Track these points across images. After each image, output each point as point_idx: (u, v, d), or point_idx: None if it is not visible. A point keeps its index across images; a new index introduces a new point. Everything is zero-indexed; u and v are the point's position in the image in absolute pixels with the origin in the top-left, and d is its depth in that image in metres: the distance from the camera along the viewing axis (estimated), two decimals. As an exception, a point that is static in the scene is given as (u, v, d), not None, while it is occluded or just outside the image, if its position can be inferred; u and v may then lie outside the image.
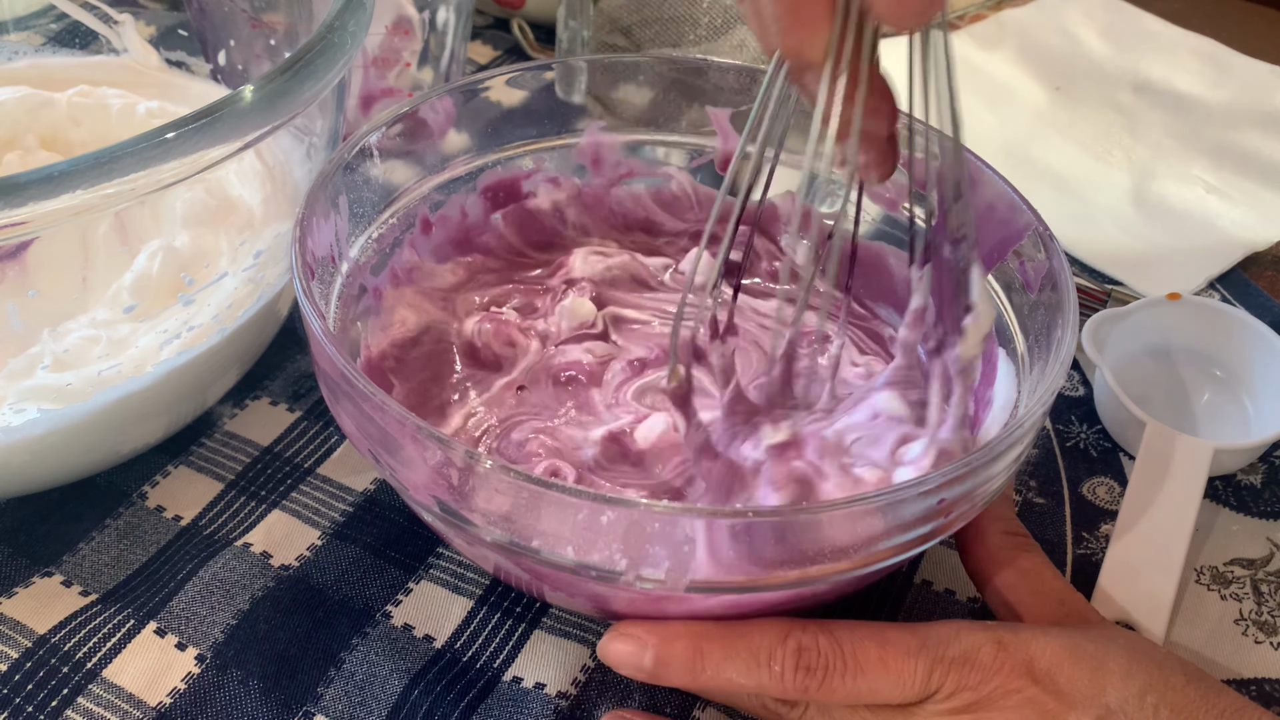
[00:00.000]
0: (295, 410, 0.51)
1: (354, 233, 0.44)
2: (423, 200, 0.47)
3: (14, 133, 0.52)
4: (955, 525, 0.35)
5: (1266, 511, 0.49)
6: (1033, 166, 0.69)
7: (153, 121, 0.53)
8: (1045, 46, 0.79)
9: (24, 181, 0.33)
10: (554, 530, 0.33)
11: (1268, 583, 0.46)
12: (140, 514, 0.46)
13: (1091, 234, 0.64)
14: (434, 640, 0.42)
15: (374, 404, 0.34)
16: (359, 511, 0.47)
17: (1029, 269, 0.42)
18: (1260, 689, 0.42)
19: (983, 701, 0.34)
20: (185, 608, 0.43)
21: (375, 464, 0.36)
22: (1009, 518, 0.41)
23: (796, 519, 0.32)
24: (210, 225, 0.47)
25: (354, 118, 0.61)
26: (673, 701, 0.41)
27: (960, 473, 0.33)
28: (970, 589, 0.44)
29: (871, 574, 0.35)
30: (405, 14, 0.59)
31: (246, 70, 0.58)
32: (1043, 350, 0.40)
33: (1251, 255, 0.62)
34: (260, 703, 0.40)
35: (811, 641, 0.34)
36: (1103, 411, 0.52)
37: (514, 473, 0.32)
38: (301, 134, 0.49)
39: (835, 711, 0.36)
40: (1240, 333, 0.52)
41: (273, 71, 0.39)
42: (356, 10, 0.43)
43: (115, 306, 0.43)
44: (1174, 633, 0.44)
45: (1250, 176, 0.68)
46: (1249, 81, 0.75)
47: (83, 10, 0.60)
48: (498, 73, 0.47)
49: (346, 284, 0.43)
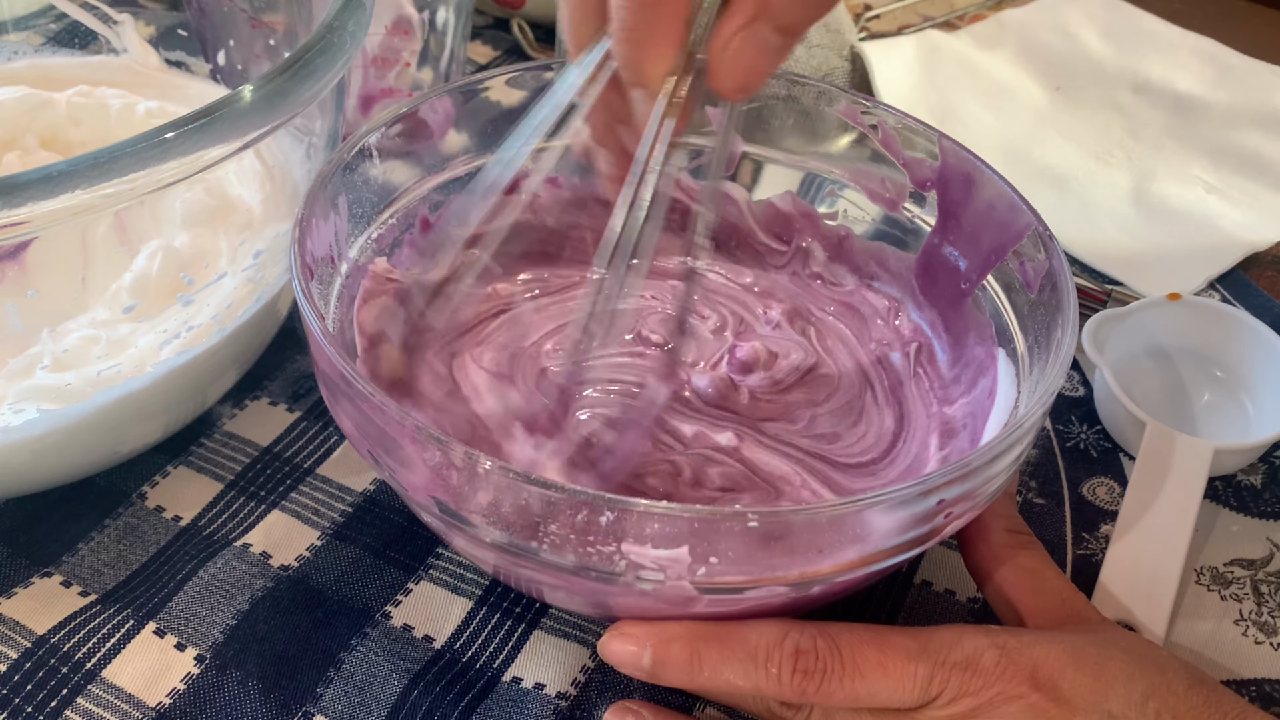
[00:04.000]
0: (295, 410, 0.51)
1: (353, 233, 0.44)
2: (422, 200, 0.47)
3: (13, 133, 0.52)
4: (955, 525, 0.35)
5: (1266, 512, 0.49)
6: (1033, 166, 0.69)
7: (152, 121, 0.53)
8: (1045, 46, 0.79)
9: (24, 181, 0.33)
10: (553, 530, 0.33)
11: (1268, 583, 0.46)
12: (140, 514, 0.46)
13: (1091, 234, 0.64)
14: (434, 640, 0.42)
15: (373, 404, 0.34)
16: (359, 512, 0.47)
17: (1029, 269, 0.42)
18: (1260, 689, 0.42)
19: (984, 707, 0.34)
20: (185, 608, 0.43)
21: (374, 465, 0.36)
22: (1011, 516, 0.41)
23: (796, 519, 0.32)
24: (210, 225, 0.47)
25: (354, 118, 0.61)
26: (674, 702, 0.41)
27: (960, 473, 0.33)
28: (971, 589, 0.44)
29: (871, 574, 0.35)
30: (405, 14, 0.59)
31: (246, 70, 0.58)
32: (1043, 350, 0.40)
33: (1251, 255, 0.62)
34: (260, 703, 0.40)
35: (810, 644, 0.34)
36: (1103, 412, 0.52)
37: (513, 473, 0.32)
38: (301, 134, 0.48)
39: (837, 715, 0.36)
40: (1240, 333, 0.52)
41: (272, 71, 0.39)
42: (356, 10, 0.43)
43: (115, 306, 0.43)
44: (1174, 633, 0.44)
45: (1250, 176, 0.68)
46: (1249, 81, 0.75)
47: (82, 10, 0.60)
48: (497, 73, 0.47)
49: (346, 284, 0.43)
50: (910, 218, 0.47)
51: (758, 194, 0.51)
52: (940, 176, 0.45)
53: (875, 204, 0.48)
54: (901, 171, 0.47)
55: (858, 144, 0.48)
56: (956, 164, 0.44)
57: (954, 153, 0.44)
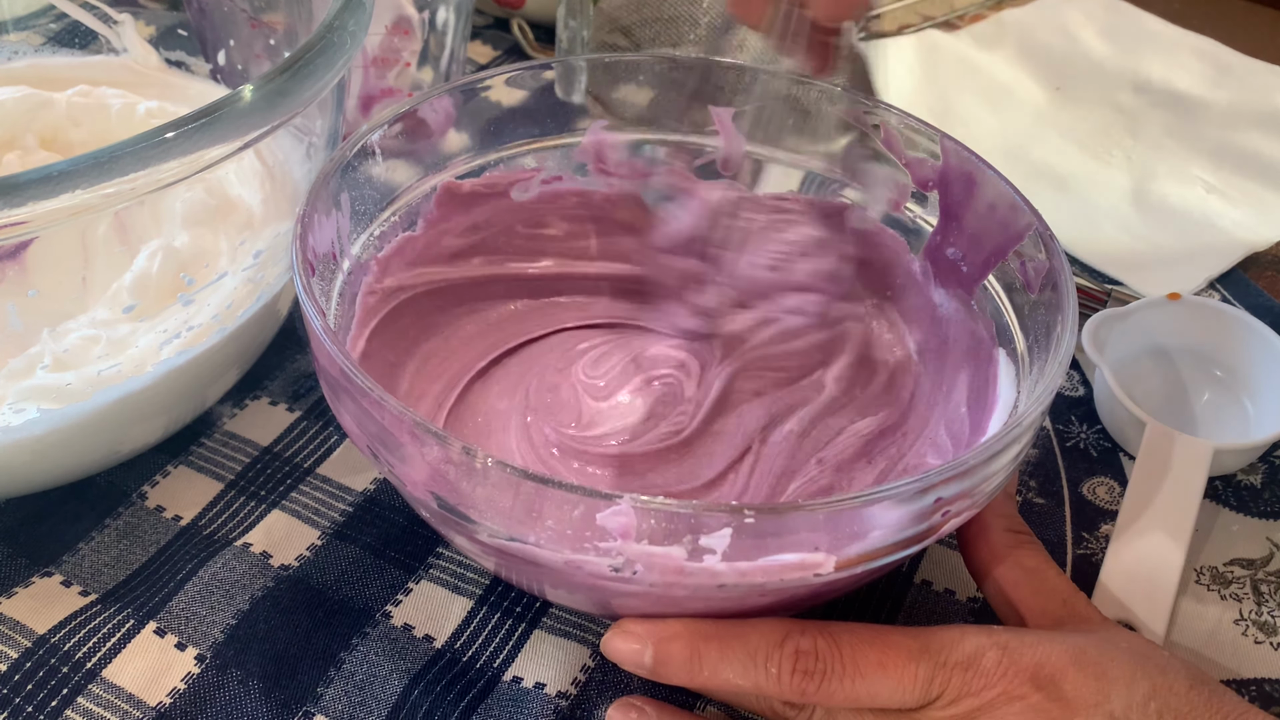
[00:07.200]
0: (295, 410, 0.51)
1: (355, 230, 0.44)
2: (424, 199, 0.47)
3: (14, 133, 0.52)
4: (954, 523, 0.35)
5: (1266, 511, 0.49)
6: (1033, 166, 0.69)
7: (152, 121, 0.53)
8: (1045, 46, 0.79)
9: (24, 181, 0.33)
10: (552, 526, 0.33)
11: (1268, 583, 0.46)
12: (140, 514, 0.46)
13: (1091, 234, 0.64)
14: (434, 640, 0.42)
15: (372, 400, 0.34)
16: (359, 511, 0.47)
17: (1029, 269, 0.42)
18: (1260, 689, 0.42)
19: (985, 707, 0.34)
20: (185, 608, 0.43)
21: (374, 460, 0.36)
22: (1011, 515, 0.41)
23: (793, 515, 0.32)
24: (210, 225, 0.47)
25: (354, 118, 0.61)
26: (677, 700, 0.41)
27: (959, 471, 0.33)
28: (971, 588, 0.44)
29: (870, 572, 0.35)
30: (405, 14, 0.59)
31: (246, 70, 0.58)
32: (1042, 350, 0.40)
33: (1251, 255, 0.62)
34: (260, 703, 0.40)
35: (810, 644, 0.34)
36: (1103, 411, 0.52)
37: (511, 469, 0.32)
38: (301, 134, 0.49)
39: (838, 715, 0.36)
40: (1240, 333, 0.52)
41: (272, 71, 0.39)
42: (356, 10, 0.43)
43: (115, 306, 0.43)
44: (1174, 633, 0.44)
45: (1250, 176, 0.68)
46: (1249, 81, 0.75)
47: (82, 10, 0.60)
48: (497, 72, 0.47)
49: (348, 281, 0.43)
50: (912, 218, 0.47)
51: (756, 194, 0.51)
52: (942, 176, 0.45)
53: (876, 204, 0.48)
54: (903, 171, 0.47)
55: (859, 143, 0.48)
56: (958, 164, 0.44)
57: (956, 152, 0.44)
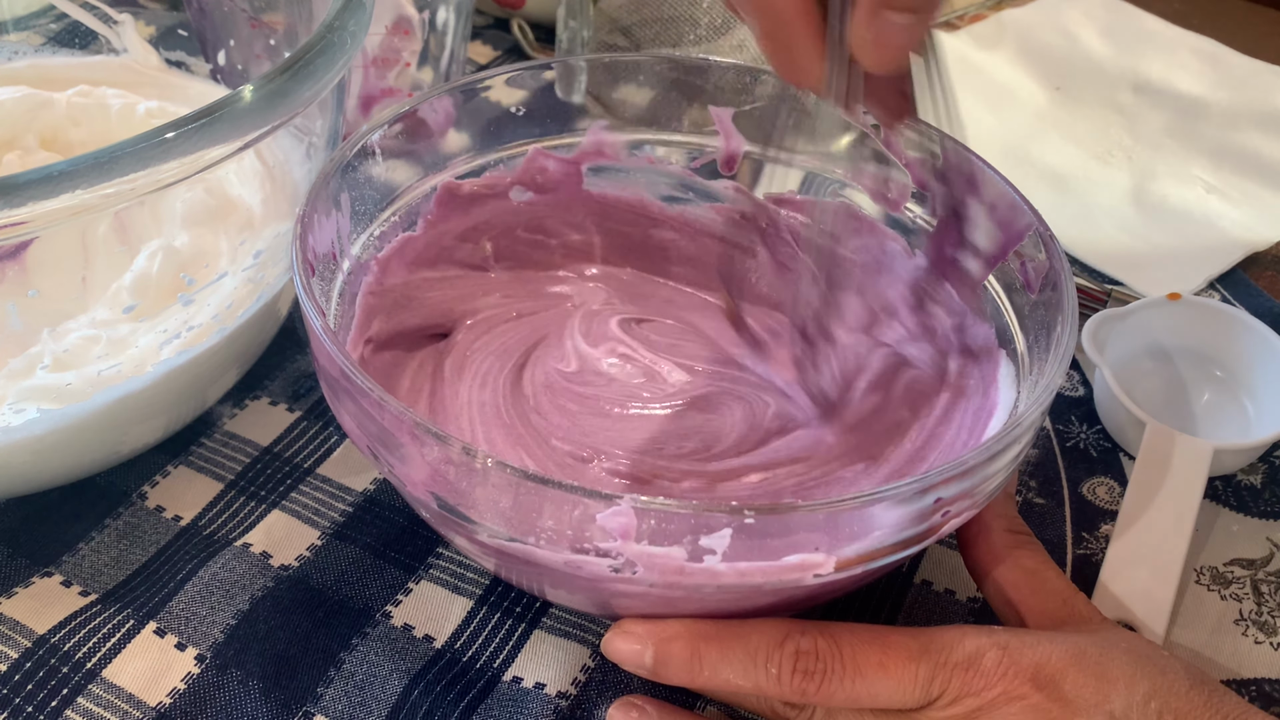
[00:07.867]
0: (295, 410, 0.51)
1: (355, 231, 0.44)
2: (424, 199, 0.47)
3: (14, 133, 0.52)
4: (954, 523, 0.35)
5: (1266, 511, 0.49)
6: (1033, 166, 0.69)
7: (152, 121, 0.53)
8: (1045, 46, 0.79)
9: (24, 181, 0.33)
10: (552, 526, 0.33)
11: (1268, 583, 0.46)
12: (140, 514, 0.46)
13: (1091, 234, 0.64)
14: (434, 640, 0.42)
15: (372, 400, 0.34)
16: (359, 512, 0.47)
17: (1029, 269, 0.42)
18: (1260, 689, 0.42)
19: (986, 708, 0.34)
20: (185, 608, 0.43)
21: (374, 461, 0.36)
22: (1011, 515, 0.41)
23: (792, 515, 0.32)
24: (210, 225, 0.47)
25: (354, 118, 0.61)
26: (678, 699, 0.40)
27: (959, 471, 0.33)
28: (971, 589, 0.44)
29: (870, 572, 0.35)
30: (405, 14, 0.59)
31: (246, 70, 0.58)
32: (1042, 350, 0.40)
33: (1251, 255, 0.62)
34: (260, 703, 0.40)
35: (810, 644, 0.34)
36: (1103, 411, 0.52)
37: (511, 469, 0.32)
38: (301, 134, 0.49)
39: (839, 715, 0.36)
40: (1240, 333, 0.52)
41: (272, 71, 0.39)
42: (356, 10, 0.43)
43: (115, 306, 0.43)
44: (1174, 633, 0.44)
45: (1250, 176, 0.68)
46: (1249, 81, 0.75)
47: (82, 10, 0.60)
48: (497, 72, 0.47)
49: (348, 281, 0.43)
50: (912, 218, 0.47)
51: (758, 194, 0.51)
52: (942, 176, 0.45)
53: (877, 204, 0.48)
54: (904, 171, 0.47)
55: (859, 143, 0.48)
56: (958, 164, 0.44)
57: (956, 152, 0.44)
